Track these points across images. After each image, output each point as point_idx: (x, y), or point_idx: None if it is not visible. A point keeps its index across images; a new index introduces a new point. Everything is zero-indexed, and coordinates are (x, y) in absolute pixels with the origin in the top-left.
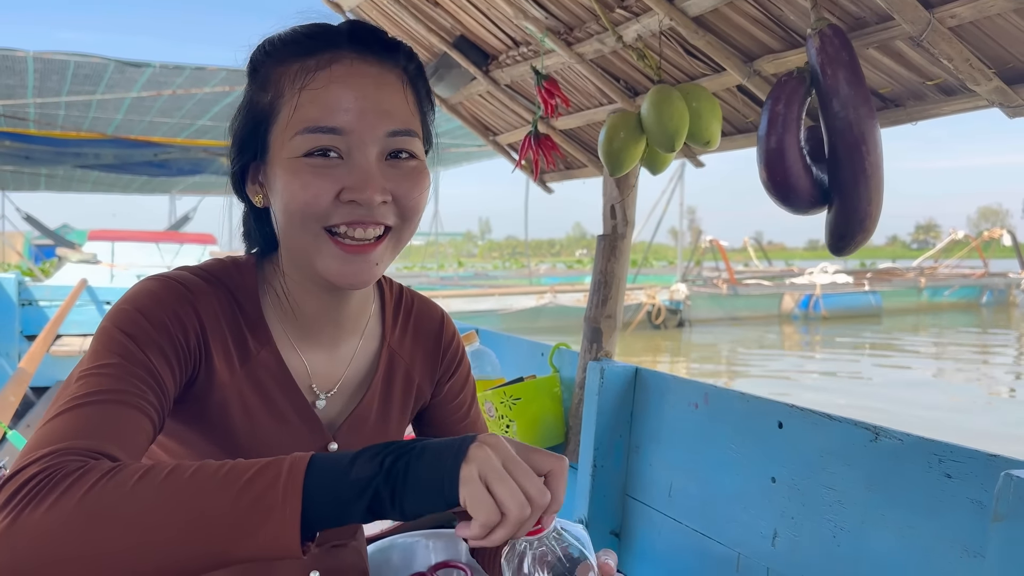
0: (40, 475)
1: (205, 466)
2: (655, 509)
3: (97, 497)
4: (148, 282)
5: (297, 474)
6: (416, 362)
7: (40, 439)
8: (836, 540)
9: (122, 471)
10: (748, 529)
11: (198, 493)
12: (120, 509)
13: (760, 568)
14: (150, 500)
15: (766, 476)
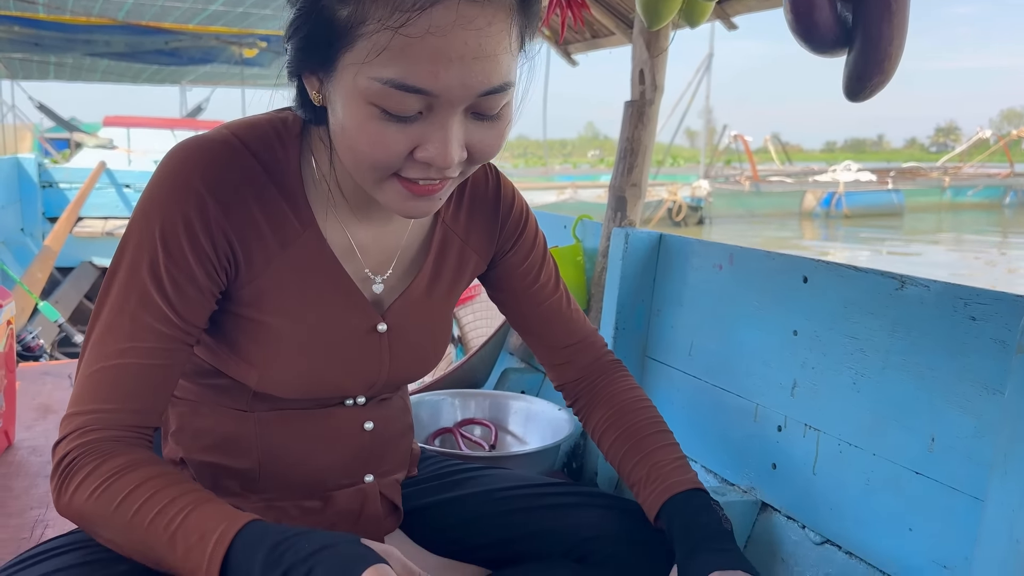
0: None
1: (159, 518)
2: (675, 368)
3: (92, 508)
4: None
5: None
6: (472, 236)
7: (81, 387)
8: (856, 386)
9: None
10: (767, 381)
11: (150, 542)
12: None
13: (778, 416)
14: (119, 528)
15: (788, 330)
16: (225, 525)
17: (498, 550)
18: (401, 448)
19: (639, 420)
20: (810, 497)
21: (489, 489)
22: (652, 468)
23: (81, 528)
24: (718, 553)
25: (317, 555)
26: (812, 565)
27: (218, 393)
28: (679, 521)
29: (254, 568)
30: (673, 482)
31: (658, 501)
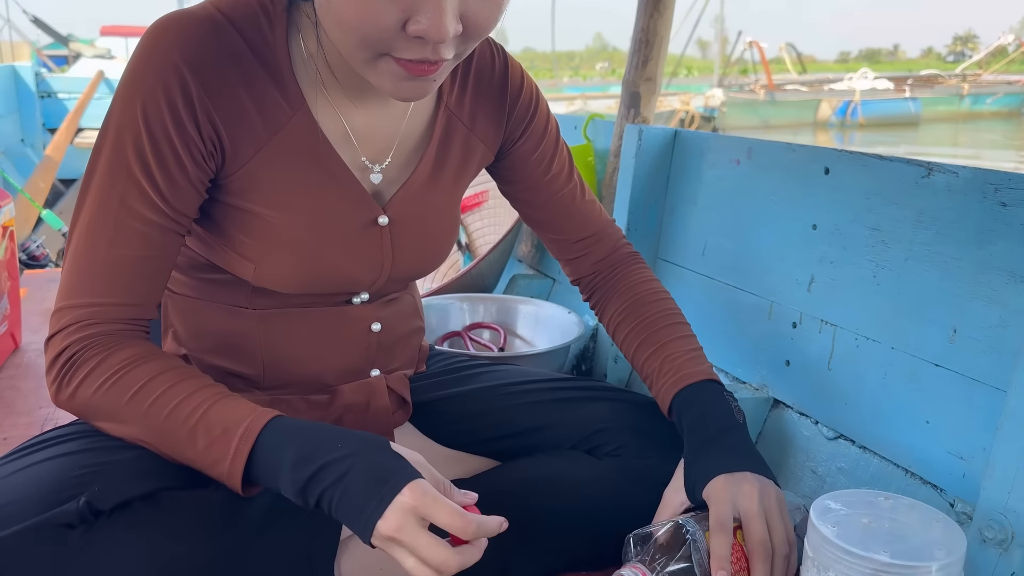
0: (67, 353)
1: (179, 411)
2: (688, 269)
3: (100, 401)
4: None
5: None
6: (478, 123)
7: (68, 279)
8: (876, 279)
9: (124, 379)
10: (782, 278)
11: (169, 434)
12: (114, 418)
13: (793, 313)
14: (135, 422)
15: (806, 224)
16: (250, 420)
17: (507, 442)
18: (410, 348)
19: (655, 312)
20: (824, 393)
21: (498, 383)
22: (665, 360)
23: (85, 421)
24: (725, 453)
25: (350, 459)
26: (825, 460)
27: (216, 288)
28: (689, 414)
29: (282, 466)
30: (686, 373)
31: (670, 393)
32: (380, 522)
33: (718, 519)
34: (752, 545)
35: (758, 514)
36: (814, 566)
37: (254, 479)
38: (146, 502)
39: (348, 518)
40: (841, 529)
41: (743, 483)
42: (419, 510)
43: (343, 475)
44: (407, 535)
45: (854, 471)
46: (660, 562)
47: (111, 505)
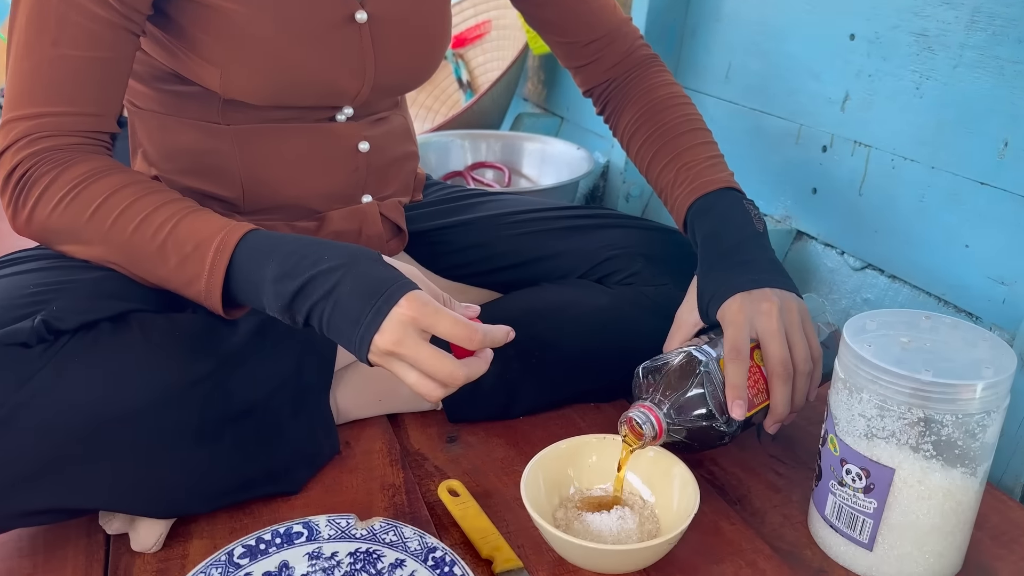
0: (19, 170)
1: (145, 225)
2: (709, 95)
3: (59, 222)
4: None
5: (218, 273)
6: None
7: (13, 89)
8: (919, 92)
9: (78, 199)
10: (814, 98)
11: (137, 253)
12: (77, 239)
13: (823, 135)
14: (99, 241)
15: (843, 34)
16: (225, 233)
17: (511, 273)
18: (403, 174)
19: (673, 118)
20: (852, 221)
21: (501, 212)
22: (681, 169)
23: (49, 246)
24: (742, 267)
25: (339, 271)
26: (850, 292)
27: (184, 102)
28: (704, 225)
29: (263, 280)
30: (703, 181)
31: (685, 203)
32: (377, 336)
33: (733, 344)
34: (771, 366)
35: (777, 333)
36: (845, 388)
37: (235, 298)
38: (115, 323)
39: (341, 335)
40: (877, 348)
41: (761, 301)
42: (419, 321)
43: (333, 288)
44: (408, 348)
45: (881, 302)
46: (671, 397)
47: (74, 325)
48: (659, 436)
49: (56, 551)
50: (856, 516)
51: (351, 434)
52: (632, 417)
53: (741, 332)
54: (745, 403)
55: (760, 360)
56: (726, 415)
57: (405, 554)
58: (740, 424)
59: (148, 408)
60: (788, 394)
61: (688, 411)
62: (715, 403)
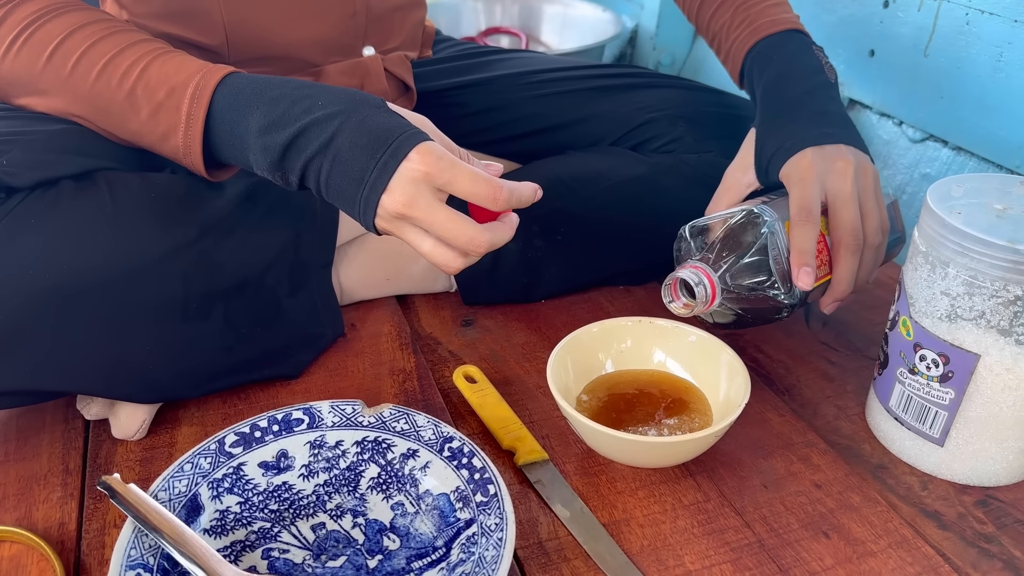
0: None
1: (110, 70)
2: None
3: (11, 69)
4: None
5: (196, 124)
6: None
7: None
8: None
9: (37, 34)
10: None
11: (102, 104)
12: (33, 89)
13: None
14: (59, 91)
15: None
16: (201, 76)
17: (534, 140)
18: (408, 24)
19: None
20: (915, 87)
21: (523, 71)
22: (739, 9)
23: (5, 101)
24: (813, 119)
25: (337, 118)
26: (907, 167)
27: None
28: (767, 72)
29: (248, 132)
30: (767, 21)
31: (745, 46)
32: (384, 196)
33: (803, 203)
34: (841, 233)
35: (851, 196)
36: (927, 262)
37: (219, 156)
38: (79, 181)
39: (343, 196)
40: (968, 216)
41: (835, 159)
42: (433, 177)
43: (330, 140)
44: (421, 209)
45: (943, 177)
46: (727, 260)
47: (29, 182)
48: (711, 301)
49: (30, 438)
50: (927, 408)
51: (356, 315)
52: (682, 278)
53: (811, 189)
54: (813, 271)
55: (825, 228)
56: (789, 284)
57: (418, 444)
58: (801, 297)
59: (120, 279)
60: (855, 268)
61: (747, 276)
62: (778, 270)
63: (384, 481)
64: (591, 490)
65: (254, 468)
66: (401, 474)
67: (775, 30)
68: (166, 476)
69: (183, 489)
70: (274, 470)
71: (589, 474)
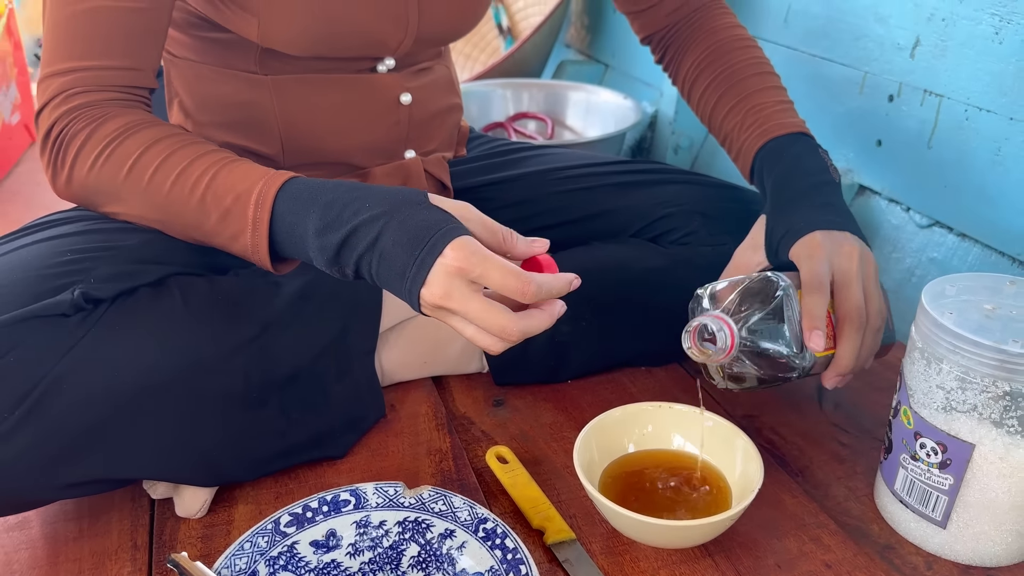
0: (55, 129)
1: (182, 180)
2: (766, 40)
3: (96, 181)
4: None
5: (261, 227)
6: None
7: (48, 46)
8: (998, 37)
9: (118, 150)
10: (880, 44)
11: (176, 210)
12: (116, 198)
13: (890, 84)
14: (138, 200)
15: None
16: (263, 183)
17: (560, 231)
18: (446, 127)
19: (739, 60)
20: (920, 175)
21: (550, 167)
22: (750, 112)
23: (91, 209)
24: (820, 209)
25: (382, 219)
26: (915, 250)
27: (222, 50)
28: (776, 169)
29: (306, 234)
30: (775, 124)
31: (754, 147)
32: (424, 289)
33: (814, 276)
34: (847, 309)
35: (857, 276)
36: (923, 358)
37: (283, 252)
38: (155, 288)
39: (391, 287)
40: (958, 316)
41: (843, 243)
42: (466, 271)
43: (376, 239)
44: (456, 301)
45: (949, 261)
46: (744, 316)
47: (113, 294)
48: (729, 350)
49: (101, 515)
50: (929, 492)
51: (396, 397)
52: (703, 324)
53: (822, 265)
54: (824, 334)
55: (831, 306)
56: (800, 345)
57: (455, 524)
58: (809, 362)
59: (190, 374)
60: (858, 344)
61: (763, 335)
62: (791, 330)
63: (424, 560)
64: (616, 569)
65: (306, 547)
66: (439, 553)
67: (784, 132)
68: (228, 554)
69: (243, 566)
70: (324, 548)
71: (614, 553)
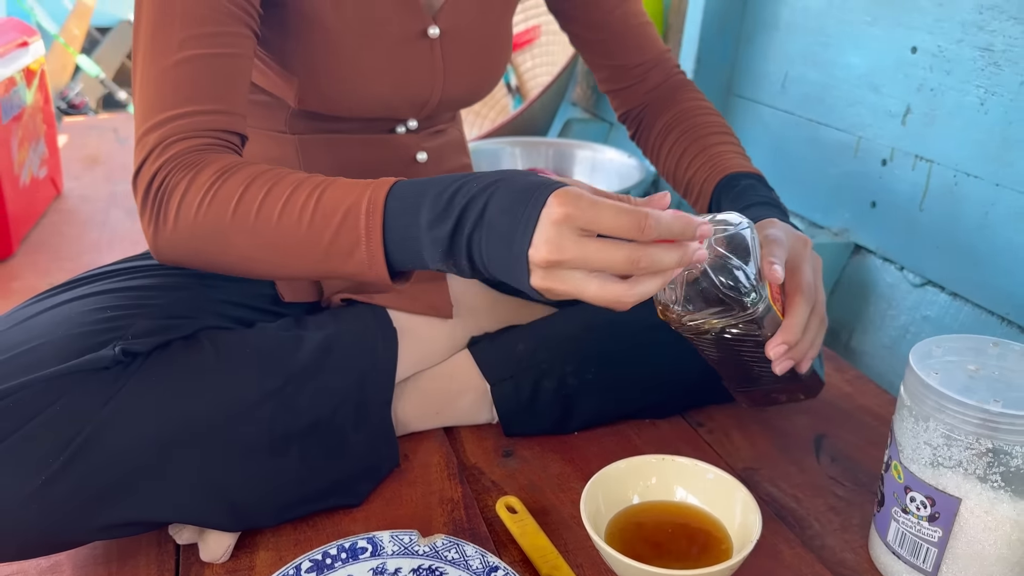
0: (157, 180)
1: (290, 208)
2: (764, 104)
3: (203, 224)
4: None
5: (375, 235)
6: None
7: (143, 101)
8: (983, 107)
9: (217, 198)
10: (873, 110)
11: (288, 239)
12: (225, 239)
13: (883, 149)
14: (247, 235)
15: (905, 48)
16: (371, 191)
17: None
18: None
19: (704, 122)
20: (912, 236)
21: None
22: (708, 160)
23: (194, 265)
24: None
25: (487, 191)
26: (909, 308)
27: (255, 110)
28: (731, 193)
29: (420, 228)
30: (730, 165)
31: (713, 182)
32: (531, 251)
33: (775, 237)
34: (798, 282)
35: (808, 261)
36: (911, 416)
37: (397, 261)
38: (187, 342)
39: (498, 263)
40: (944, 376)
41: (797, 233)
42: (574, 218)
43: (483, 212)
44: (569, 250)
45: (942, 320)
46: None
47: (149, 348)
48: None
49: (129, 560)
50: (920, 544)
51: (409, 446)
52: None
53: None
54: (782, 272)
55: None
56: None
57: (467, 572)
58: (764, 306)
59: (220, 424)
60: (806, 316)
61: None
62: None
63: None
64: None
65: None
66: None
67: (739, 171)
68: None
69: None
70: None
71: None
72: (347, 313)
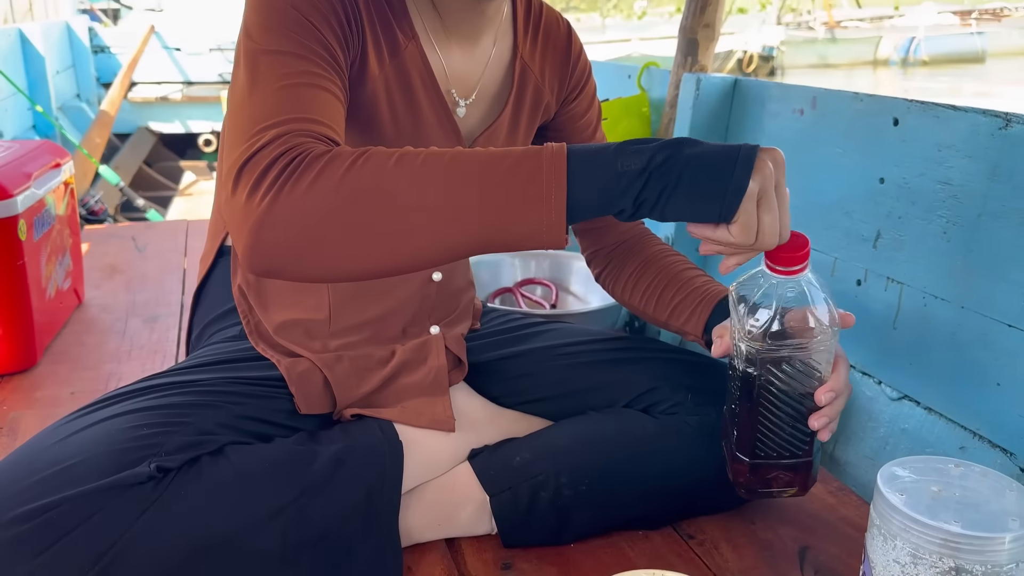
0: (288, 154)
1: (461, 154)
2: None
3: (356, 178)
4: None
5: (559, 162)
6: (546, 77)
7: (252, 115)
8: (946, 236)
9: (374, 155)
10: (847, 234)
11: (460, 181)
12: (380, 191)
13: (857, 270)
14: (411, 185)
15: (873, 178)
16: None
17: (561, 402)
18: (464, 301)
19: (673, 262)
20: (888, 353)
21: (552, 344)
22: (690, 292)
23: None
24: None
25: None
26: (887, 421)
27: None
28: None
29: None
30: (716, 291)
31: (704, 313)
32: (759, 160)
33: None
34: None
35: (843, 355)
36: (880, 534)
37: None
38: (213, 457)
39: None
40: (909, 497)
41: None
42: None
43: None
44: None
45: (918, 433)
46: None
47: (180, 463)
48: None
49: None
50: None
51: (412, 559)
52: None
53: None
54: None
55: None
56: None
57: None
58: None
59: (238, 534)
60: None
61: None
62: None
63: None
64: None
65: None
66: None
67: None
68: None
69: None
70: None
71: None
72: (356, 428)
